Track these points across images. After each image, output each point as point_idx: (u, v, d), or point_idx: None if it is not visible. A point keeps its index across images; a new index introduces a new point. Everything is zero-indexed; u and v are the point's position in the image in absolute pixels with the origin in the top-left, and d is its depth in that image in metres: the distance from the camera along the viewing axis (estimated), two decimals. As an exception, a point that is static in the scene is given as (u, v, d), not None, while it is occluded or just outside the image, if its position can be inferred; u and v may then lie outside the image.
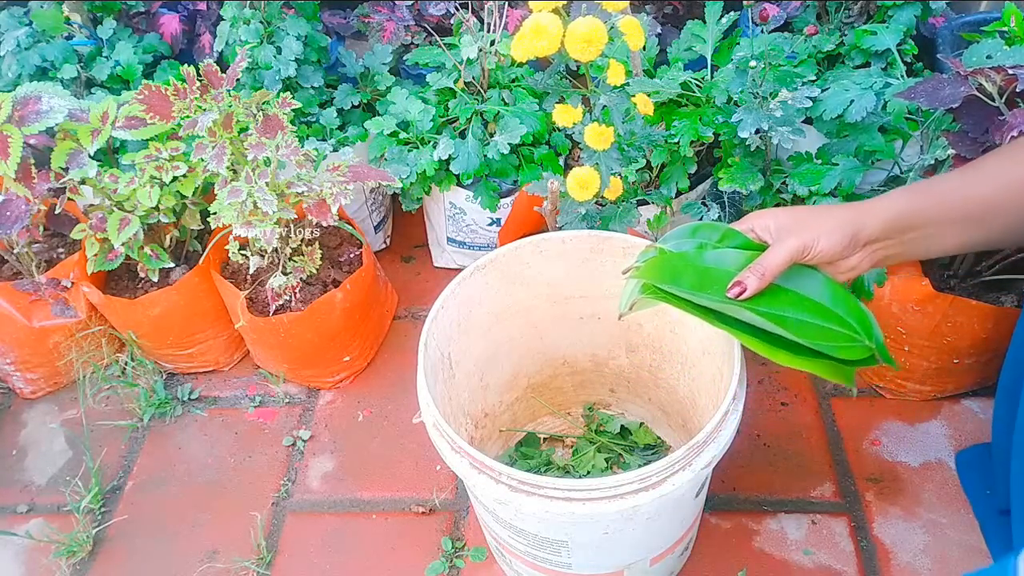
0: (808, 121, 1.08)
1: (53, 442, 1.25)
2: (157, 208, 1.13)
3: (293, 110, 1.04)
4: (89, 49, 1.32)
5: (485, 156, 1.20)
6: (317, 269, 1.16)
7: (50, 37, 1.28)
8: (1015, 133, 0.79)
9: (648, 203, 1.16)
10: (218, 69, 1.02)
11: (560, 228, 1.05)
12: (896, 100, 1.01)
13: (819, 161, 1.06)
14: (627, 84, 1.00)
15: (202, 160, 1.01)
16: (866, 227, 0.69)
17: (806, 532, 1.04)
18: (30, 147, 1.05)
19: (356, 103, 1.31)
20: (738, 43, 1.13)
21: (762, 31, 0.97)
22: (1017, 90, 0.82)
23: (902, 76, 1.06)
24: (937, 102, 0.86)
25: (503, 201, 1.25)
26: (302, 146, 1.04)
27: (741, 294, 0.68)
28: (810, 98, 0.98)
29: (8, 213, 1.05)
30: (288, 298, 1.15)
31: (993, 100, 0.85)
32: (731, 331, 0.70)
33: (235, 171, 1.05)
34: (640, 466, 0.72)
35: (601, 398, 1.16)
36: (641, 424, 1.14)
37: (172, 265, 1.20)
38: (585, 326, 1.03)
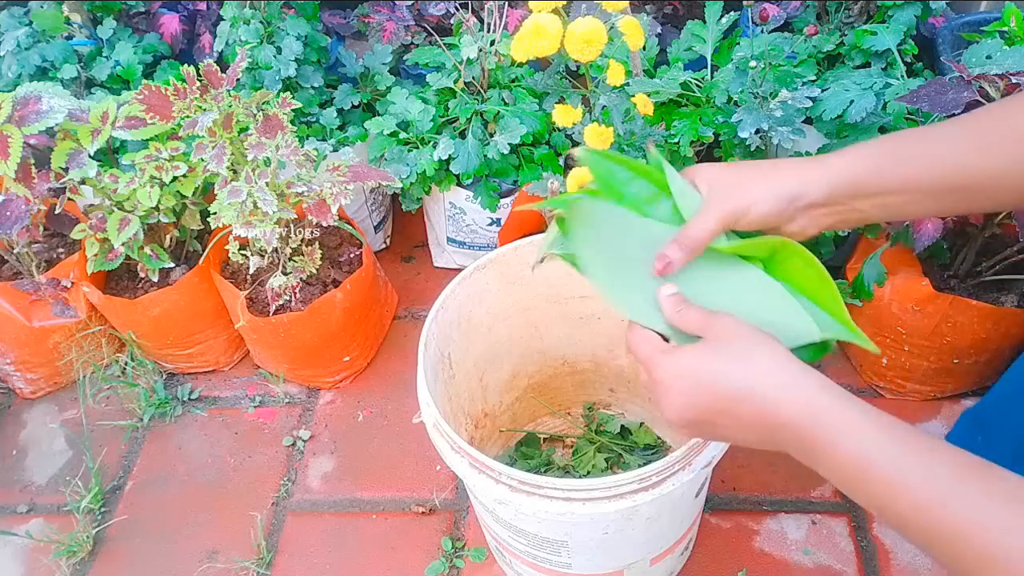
0: (808, 121, 1.08)
1: (53, 442, 1.25)
2: (157, 208, 1.13)
3: (293, 110, 1.04)
4: (89, 49, 1.32)
5: (485, 156, 1.20)
6: (317, 269, 1.16)
7: (50, 37, 1.28)
8: None
9: (648, 203, 1.15)
10: (218, 69, 1.02)
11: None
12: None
13: (819, 161, 1.06)
14: (627, 84, 1.00)
15: (202, 160, 1.01)
16: (807, 193, 0.60)
17: (806, 532, 1.04)
18: (30, 147, 1.05)
19: (356, 103, 1.31)
20: (738, 43, 1.13)
21: (762, 31, 0.97)
22: None
23: (902, 76, 1.06)
24: (939, 107, 0.86)
25: (503, 201, 1.25)
26: (302, 146, 1.04)
27: (667, 268, 0.60)
28: (810, 98, 0.98)
29: (8, 213, 1.05)
30: (288, 298, 1.15)
31: (995, 105, 0.85)
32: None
33: (235, 171, 1.05)
34: (640, 466, 0.72)
35: (601, 398, 1.16)
36: (641, 424, 1.14)
37: (172, 265, 1.20)
38: (585, 326, 1.03)
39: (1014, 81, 0.82)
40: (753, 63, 0.98)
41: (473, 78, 1.23)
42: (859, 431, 0.50)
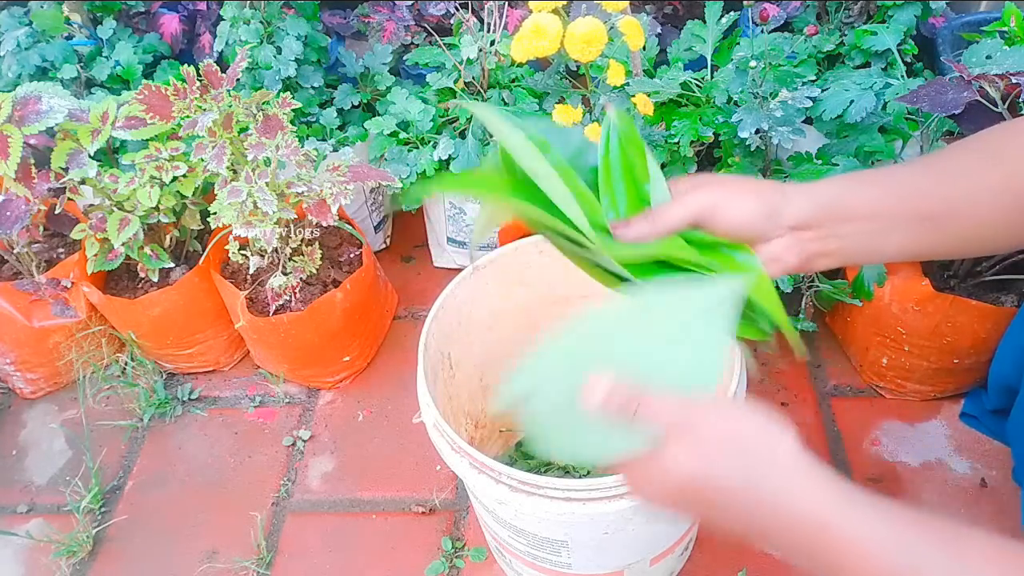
0: (808, 121, 1.08)
1: (53, 442, 1.25)
2: (157, 208, 1.13)
3: (293, 110, 1.04)
4: (89, 49, 1.32)
5: (485, 156, 1.20)
6: (317, 269, 1.16)
7: (50, 37, 1.28)
8: None
9: (648, 203, 1.15)
10: (218, 69, 1.02)
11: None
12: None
13: (819, 161, 1.06)
14: (627, 84, 1.00)
15: (202, 160, 1.01)
16: (791, 204, 0.57)
17: (806, 532, 1.04)
18: (30, 147, 1.05)
19: (356, 103, 1.31)
20: (738, 43, 1.13)
21: (762, 31, 0.97)
22: (1020, 99, 0.82)
23: (902, 76, 1.06)
24: (940, 107, 0.86)
25: (503, 201, 1.25)
26: (302, 146, 1.04)
27: (625, 233, 0.57)
28: (810, 98, 0.98)
29: (8, 213, 1.04)
30: (288, 298, 1.15)
31: (996, 105, 0.85)
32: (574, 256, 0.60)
33: (235, 171, 1.05)
34: (640, 466, 0.72)
35: (601, 398, 1.16)
36: (641, 424, 1.14)
37: (172, 265, 1.20)
38: (585, 326, 1.03)
39: (1014, 81, 0.82)
40: (753, 63, 0.98)
41: (473, 78, 1.23)
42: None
